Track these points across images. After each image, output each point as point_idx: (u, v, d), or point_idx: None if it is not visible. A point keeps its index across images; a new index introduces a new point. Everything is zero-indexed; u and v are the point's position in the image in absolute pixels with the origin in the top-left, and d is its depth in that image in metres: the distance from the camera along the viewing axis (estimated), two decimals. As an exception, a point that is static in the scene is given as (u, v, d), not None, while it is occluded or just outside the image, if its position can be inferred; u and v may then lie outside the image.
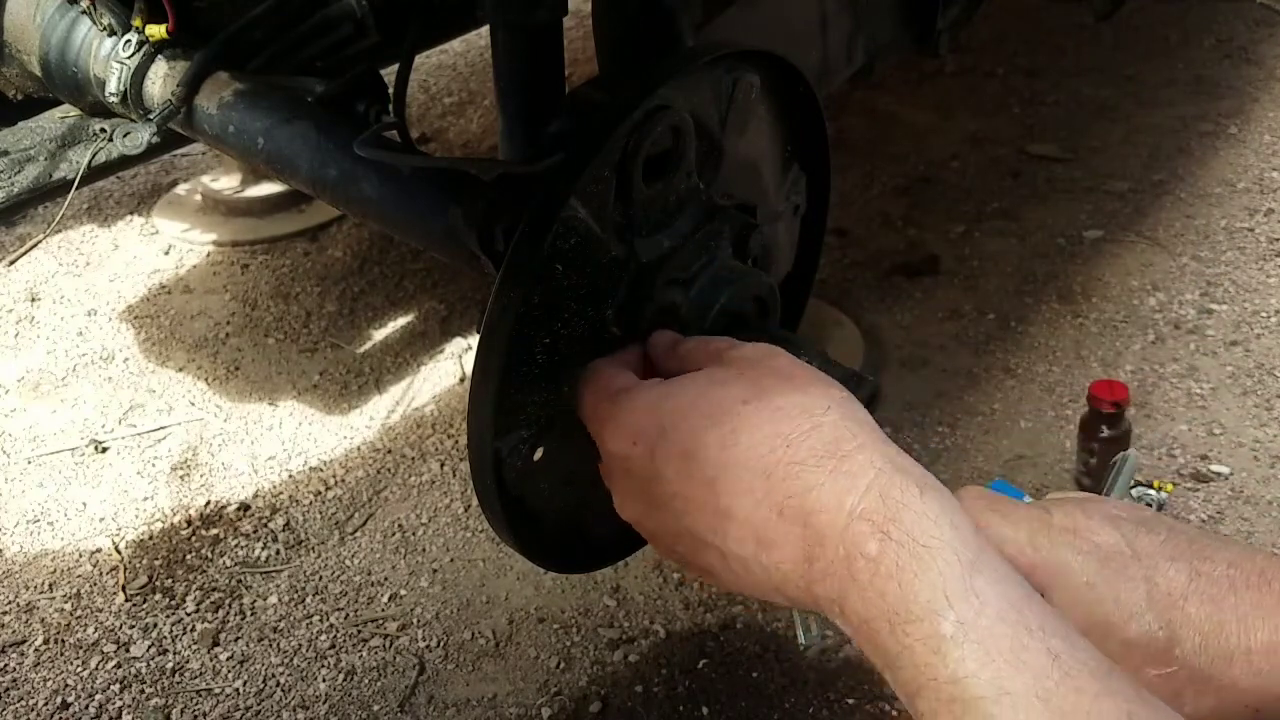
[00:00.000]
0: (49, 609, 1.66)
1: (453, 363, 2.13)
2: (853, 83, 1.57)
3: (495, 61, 1.04)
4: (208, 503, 1.83)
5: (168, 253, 2.54)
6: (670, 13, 1.07)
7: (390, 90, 1.09)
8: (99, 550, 1.75)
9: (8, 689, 1.53)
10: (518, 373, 0.82)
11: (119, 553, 1.74)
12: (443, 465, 1.88)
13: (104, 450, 1.96)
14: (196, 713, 1.49)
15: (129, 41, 1.11)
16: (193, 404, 2.06)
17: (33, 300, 2.39)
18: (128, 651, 1.58)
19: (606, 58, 1.13)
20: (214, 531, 1.78)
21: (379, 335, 2.22)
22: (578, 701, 1.48)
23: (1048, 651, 0.58)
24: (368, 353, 2.18)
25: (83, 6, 1.13)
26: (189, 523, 1.79)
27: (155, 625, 1.61)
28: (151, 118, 1.10)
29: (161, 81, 1.11)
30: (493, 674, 1.53)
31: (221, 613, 1.63)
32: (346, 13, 1.19)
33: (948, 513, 0.64)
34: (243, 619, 1.62)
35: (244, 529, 1.78)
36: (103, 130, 1.16)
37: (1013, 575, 0.62)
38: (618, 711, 1.46)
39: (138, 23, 1.10)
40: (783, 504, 0.67)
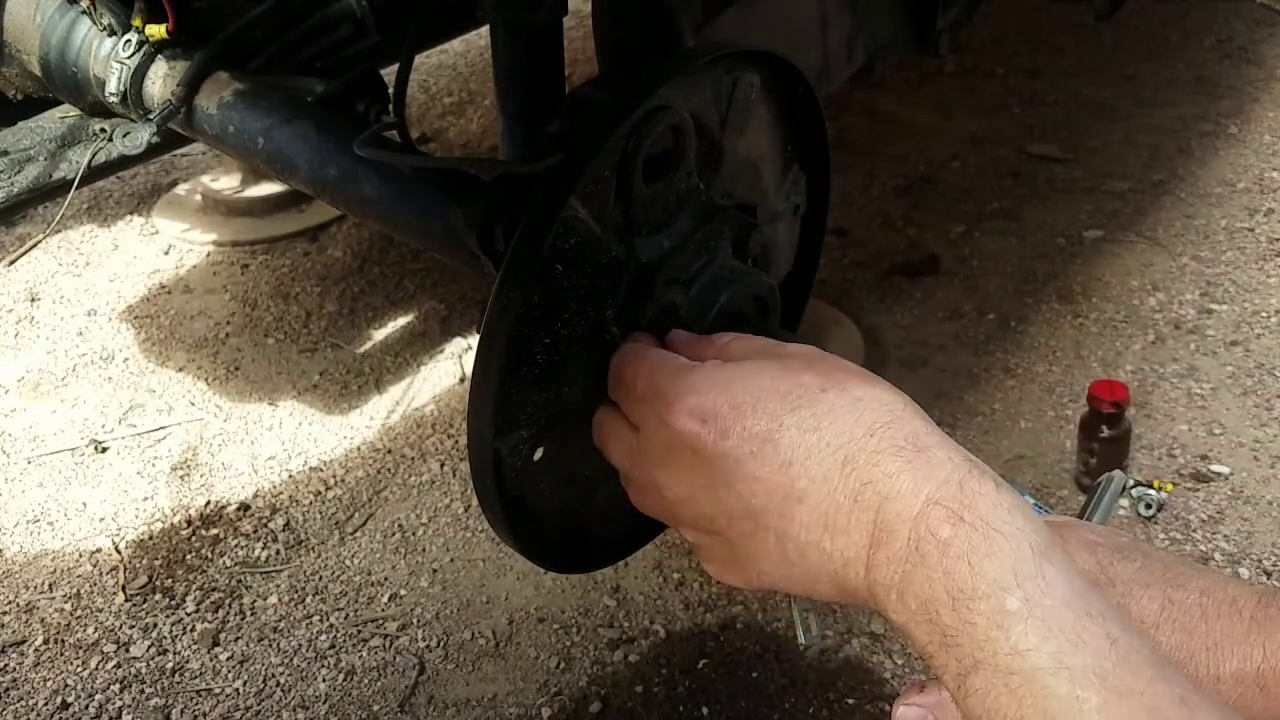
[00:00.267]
0: (49, 609, 1.66)
1: (453, 363, 2.13)
2: (853, 83, 1.57)
3: (495, 61, 1.04)
4: (208, 503, 1.83)
5: (168, 253, 2.54)
6: (670, 13, 1.07)
7: (390, 90, 1.09)
8: (99, 550, 1.75)
9: (8, 689, 1.53)
10: (518, 373, 0.82)
11: (119, 553, 1.75)
12: (443, 465, 1.88)
13: (104, 450, 1.96)
14: (196, 713, 1.49)
15: (129, 41, 1.10)
16: (193, 404, 2.06)
17: (33, 300, 2.39)
18: (128, 651, 1.58)
19: (606, 58, 1.13)
20: (214, 531, 1.78)
21: (379, 335, 2.22)
22: (578, 701, 1.48)
23: (1107, 636, 0.59)
24: (368, 353, 2.18)
25: (83, 6, 1.13)
26: (189, 523, 1.79)
27: (155, 625, 1.61)
28: (151, 118, 1.10)
29: (161, 81, 1.11)
30: (493, 674, 1.53)
31: (221, 613, 1.63)
32: (346, 13, 1.19)
33: (1020, 506, 0.66)
34: (243, 619, 1.62)
35: (244, 529, 1.78)
36: (103, 130, 1.16)
37: (1078, 569, 0.64)
38: (618, 711, 1.46)
39: (138, 23, 1.10)
40: (859, 491, 0.69)
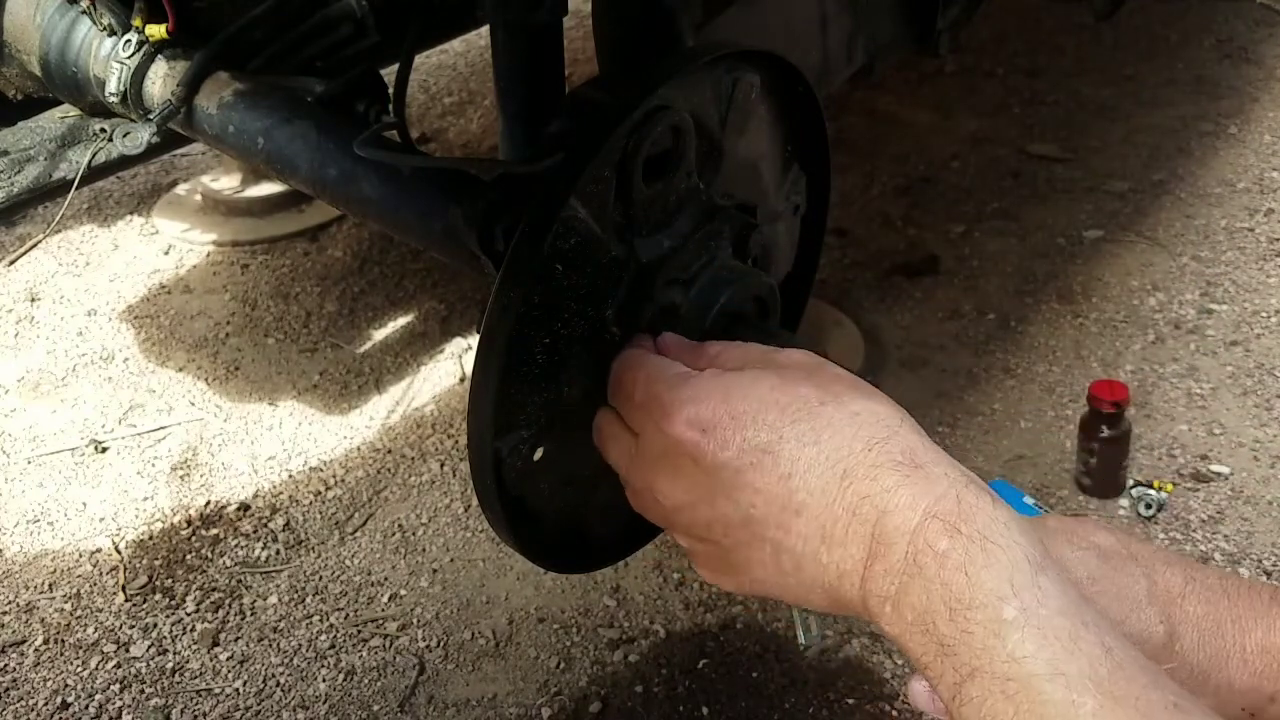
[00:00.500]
0: (49, 609, 1.66)
1: (453, 363, 2.13)
2: (853, 83, 1.57)
3: (495, 61, 1.04)
4: (208, 503, 1.83)
5: (168, 253, 2.54)
6: (670, 13, 1.07)
7: (390, 90, 1.09)
8: (99, 550, 1.75)
9: (8, 689, 1.53)
10: (518, 373, 0.82)
11: (119, 553, 1.75)
12: (443, 465, 1.88)
13: (104, 450, 1.96)
14: (196, 713, 1.49)
15: (129, 41, 1.10)
16: (193, 404, 2.06)
17: (33, 300, 2.39)
18: (128, 651, 1.58)
19: (606, 58, 1.13)
20: (214, 531, 1.78)
21: (379, 335, 2.22)
22: (578, 701, 1.48)
23: (1101, 644, 0.60)
24: (368, 353, 2.18)
25: (83, 6, 1.13)
26: (189, 523, 1.79)
27: (155, 625, 1.61)
28: (151, 118, 1.10)
29: (161, 81, 1.11)
30: (493, 674, 1.53)
31: (221, 613, 1.63)
32: (346, 13, 1.19)
33: (1016, 520, 0.66)
34: (243, 619, 1.62)
35: (244, 529, 1.78)
36: (103, 130, 1.16)
37: (1073, 583, 0.65)
38: (618, 711, 1.46)
39: (138, 23, 1.10)
40: (856, 504, 0.69)
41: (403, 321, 2.26)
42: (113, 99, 1.12)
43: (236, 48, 1.11)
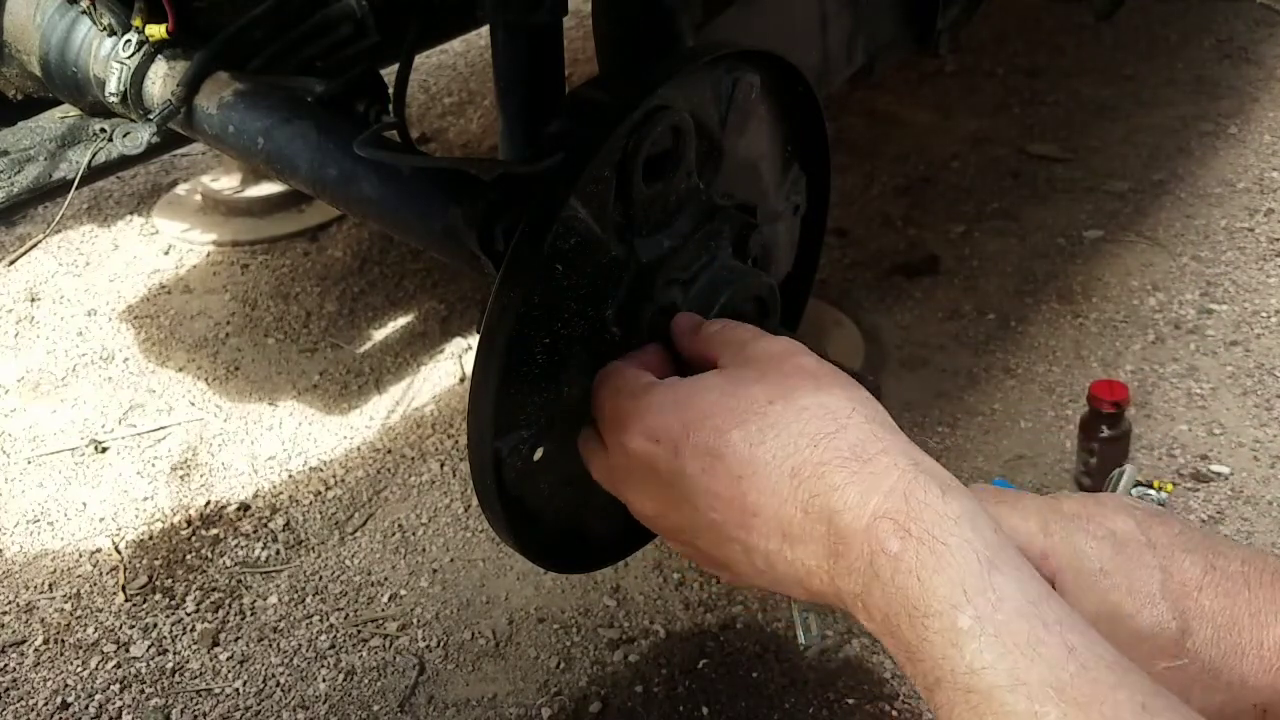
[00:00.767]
0: (49, 609, 1.66)
1: (453, 363, 2.13)
2: (853, 83, 1.57)
3: (495, 61, 1.04)
4: (208, 503, 1.83)
5: (168, 253, 2.54)
6: (670, 13, 1.07)
7: (390, 90, 1.09)
8: (99, 550, 1.75)
9: (8, 689, 1.53)
10: (518, 373, 0.82)
11: (119, 553, 1.75)
12: (443, 465, 1.88)
13: (104, 450, 1.96)
14: (196, 713, 1.49)
15: (129, 41, 1.11)
16: (193, 404, 2.06)
17: (33, 300, 2.39)
18: (128, 651, 1.58)
19: (606, 58, 1.13)
20: (214, 531, 1.78)
21: (379, 335, 2.22)
22: (578, 701, 1.48)
23: (1064, 645, 0.59)
24: (368, 353, 2.18)
25: (83, 6, 1.13)
26: (189, 523, 1.79)
27: (155, 625, 1.61)
28: (151, 118, 1.10)
29: (161, 81, 1.11)
30: (493, 674, 1.53)
31: (221, 613, 1.63)
32: (346, 13, 1.19)
33: (969, 513, 0.65)
34: (243, 619, 1.62)
35: (244, 529, 1.78)
36: (103, 130, 1.16)
37: (1032, 574, 0.63)
38: (618, 711, 1.46)
39: (138, 23, 1.10)
40: (808, 502, 0.69)
41: (403, 321, 2.26)
42: (113, 99, 1.12)
43: (236, 48, 1.11)
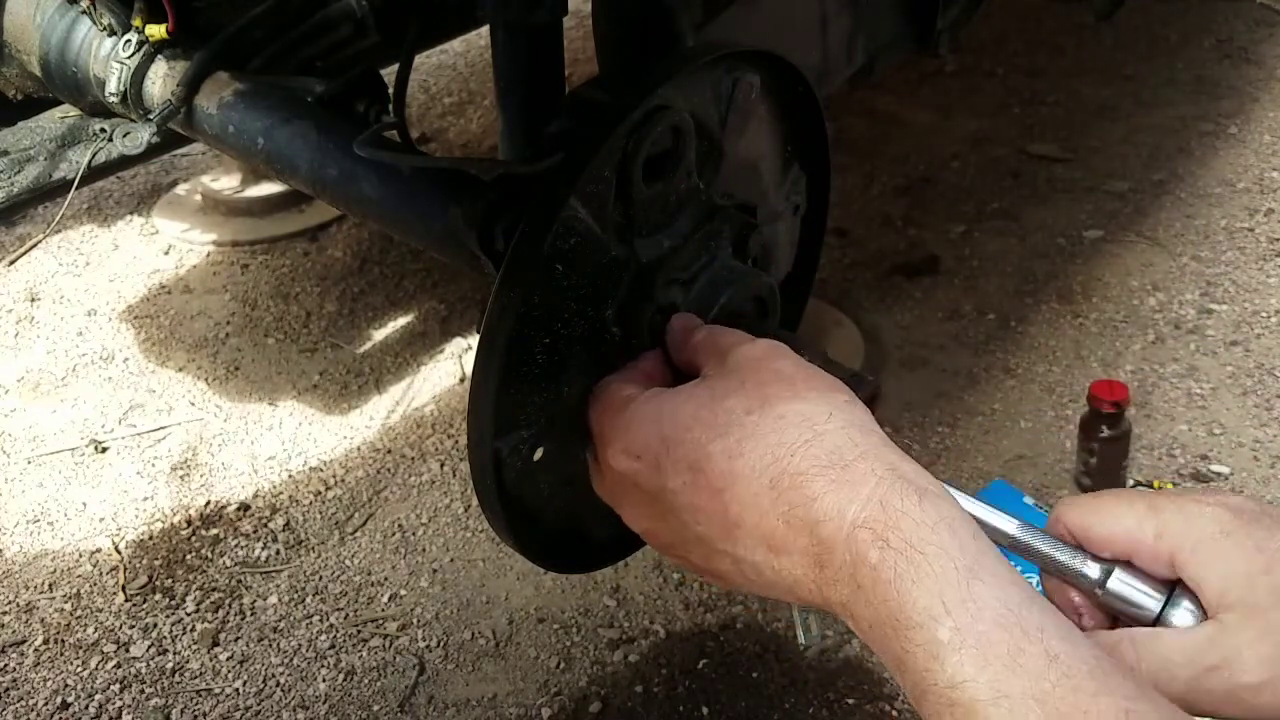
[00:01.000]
0: (49, 609, 1.66)
1: (453, 363, 2.13)
2: (853, 83, 1.57)
3: (495, 61, 1.04)
4: (208, 503, 1.83)
5: (168, 253, 2.54)
6: (670, 13, 1.07)
7: (390, 90, 1.09)
8: (99, 550, 1.75)
9: (8, 689, 1.53)
10: (518, 373, 0.82)
11: (119, 553, 1.75)
12: (443, 465, 1.88)
13: (104, 450, 1.96)
14: (196, 713, 1.49)
15: (129, 41, 1.10)
16: (193, 404, 2.06)
17: (33, 300, 2.39)
18: (128, 651, 1.58)
19: (606, 58, 1.13)
20: (214, 531, 1.78)
21: (379, 335, 2.22)
22: (578, 701, 1.48)
23: (1045, 654, 0.58)
24: (368, 353, 2.18)
25: (83, 6, 1.12)
26: (189, 523, 1.79)
27: (155, 625, 1.61)
28: (151, 118, 1.10)
29: (161, 81, 1.11)
30: (493, 674, 1.53)
31: (221, 613, 1.63)
32: (346, 13, 1.19)
33: (946, 519, 0.64)
34: (243, 619, 1.62)
35: (244, 529, 1.78)
36: (103, 130, 1.16)
37: (1014, 579, 0.63)
38: (618, 711, 1.46)
39: (138, 23, 1.10)
40: (788, 514, 0.68)
41: (403, 321, 2.26)
42: (113, 99, 1.12)
43: (236, 48, 1.11)
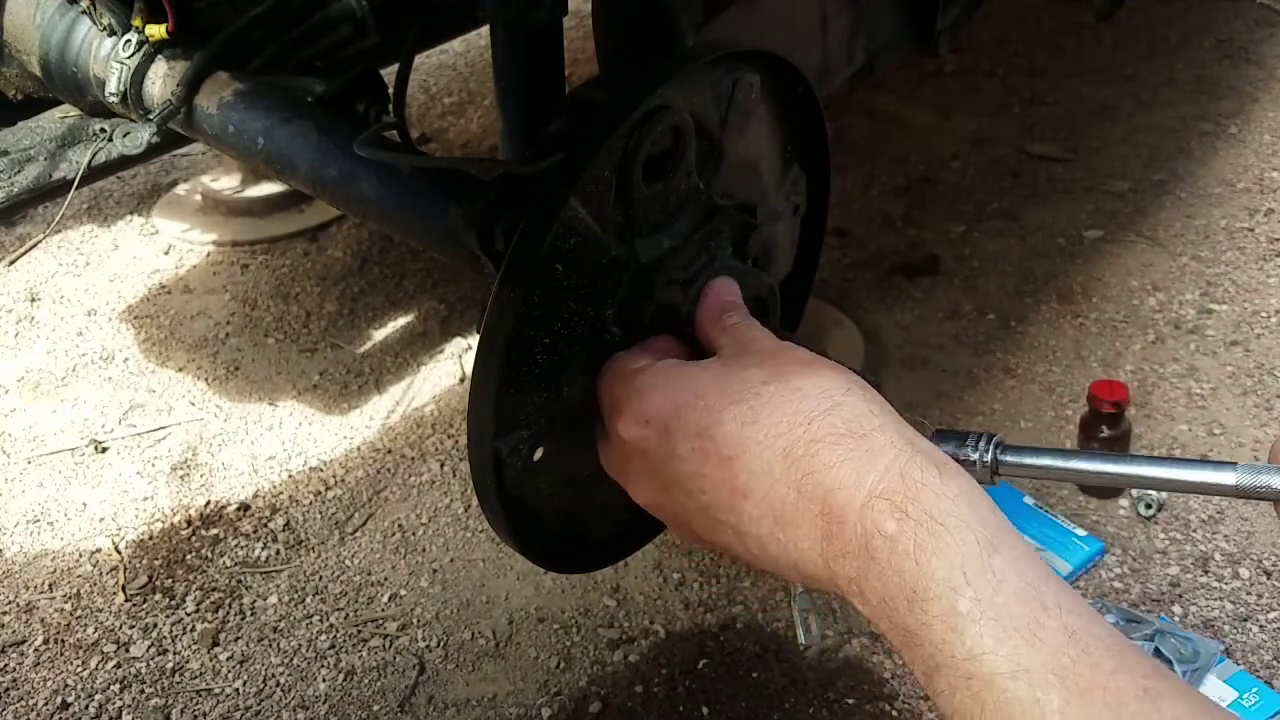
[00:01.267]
0: (49, 609, 1.66)
1: (453, 363, 2.13)
2: (853, 83, 1.57)
3: (495, 61, 1.04)
4: (208, 503, 1.83)
5: (168, 253, 2.54)
6: (670, 13, 1.07)
7: (390, 90, 1.09)
8: (99, 550, 1.75)
9: (8, 689, 1.53)
10: (518, 373, 0.82)
11: (119, 553, 1.75)
12: (443, 465, 1.88)
13: (104, 450, 1.96)
14: (196, 713, 1.49)
15: (129, 41, 1.10)
16: (193, 404, 2.06)
17: (33, 300, 2.39)
18: (128, 651, 1.58)
19: (606, 58, 1.13)
20: (214, 531, 1.78)
21: (379, 335, 2.22)
22: (578, 701, 1.48)
23: (1064, 629, 0.58)
24: (368, 353, 2.18)
25: (83, 6, 1.13)
26: (189, 523, 1.79)
27: (155, 625, 1.61)
28: (151, 118, 1.10)
29: (161, 81, 1.11)
30: (493, 674, 1.53)
31: (221, 613, 1.63)
32: (346, 13, 1.19)
33: (966, 493, 0.64)
34: (243, 619, 1.62)
35: (244, 529, 1.78)
36: (103, 130, 1.16)
37: (1030, 555, 0.62)
38: (618, 711, 1.46)
39: (138, 23, 1.10)
40: (800, 482, 0.68)
41: (403, 321, 2.26)
42: (113, 99, 1.12)
43: (236, 48, 1.11)
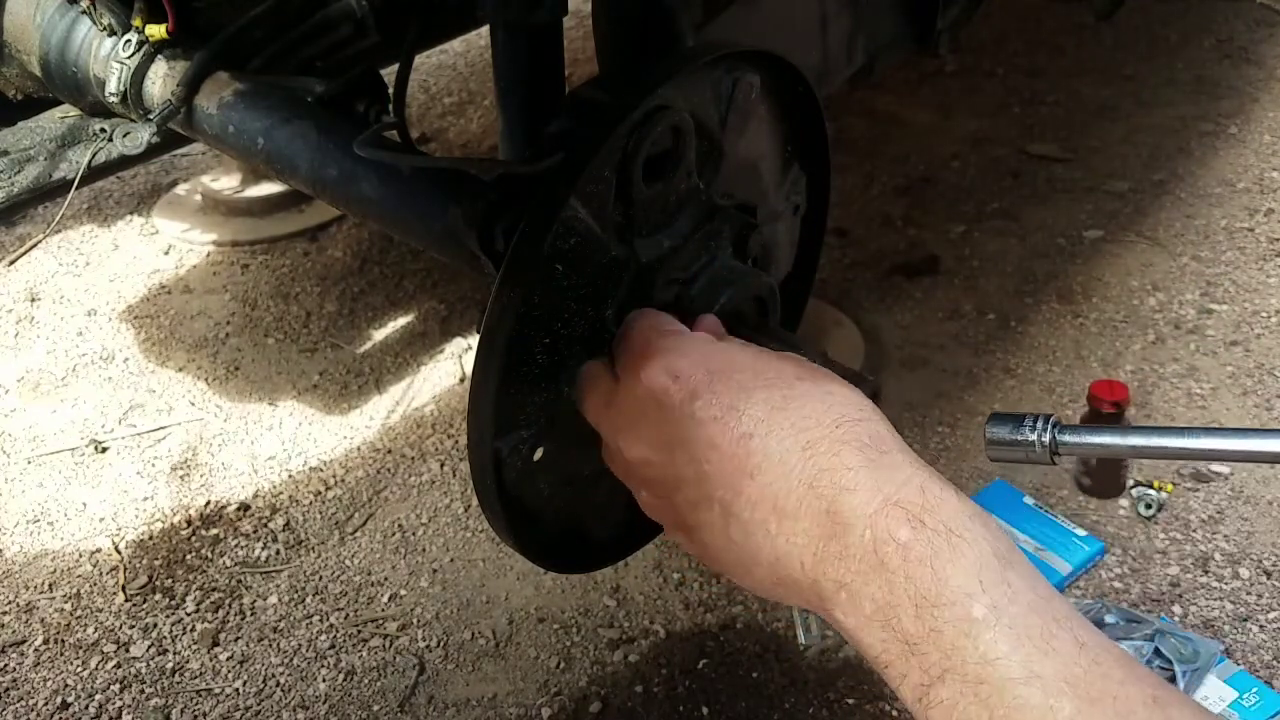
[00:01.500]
0: (49, 609, 1.66)
1: (453, 363, 2.13)
2: (853, 83, 1.57)
3: (495, 61, 1.04)
4: (208, 503, 1.83)
5: (168, 253, 2.54)
6: (670, 13, 1.07)
7: (390, 90, 1.09)
8: (99, 550, 1.75)
9: (8, 689, 1.53)
10: (518, 373, 0.82)
11: (119, 553, 1.75)
12: (443, 465, 1.88)
13: (104, 450, 1.96)
14: (196, 713, 1.49)
15: (129, 41, 1.10)
16: (193, 404, 2.06)
17: (33, 300, 2.39)
18: (128, 651, 1.58)
19: (606, 58, 1.13)
20: (214, 531, 1.78)
21: (379, 335, 2.22)
22: (578, 701, 1.48)
23: (1075, 640, 0.59)
24: (368, 353, 2.18)
25: (83, 6, 1.13)
26: (189, 523, 1.79)
27: (155, 625, 1.61)
28: (151, 118, 1.10)
29: (161, 81, 1.11)
30: (493, 674, 1.53)
31: (221, 613, 1.63)
32: (346, 13, 1.19)
33: (981, 514, 0.66)
34: (243, 619, 1.62)
35: (244, 529, 1.78)
36: (103, 130, 1.16)
37: (1040, 575, 0.64)
38: (618, 711, 1.46)
39: (138, 23, 1.10)
40: (815, 476, 0.68)
41: (403, 321, 2.26)
42: (113, 99, 1.12)
43: (236, 48, 1.11)
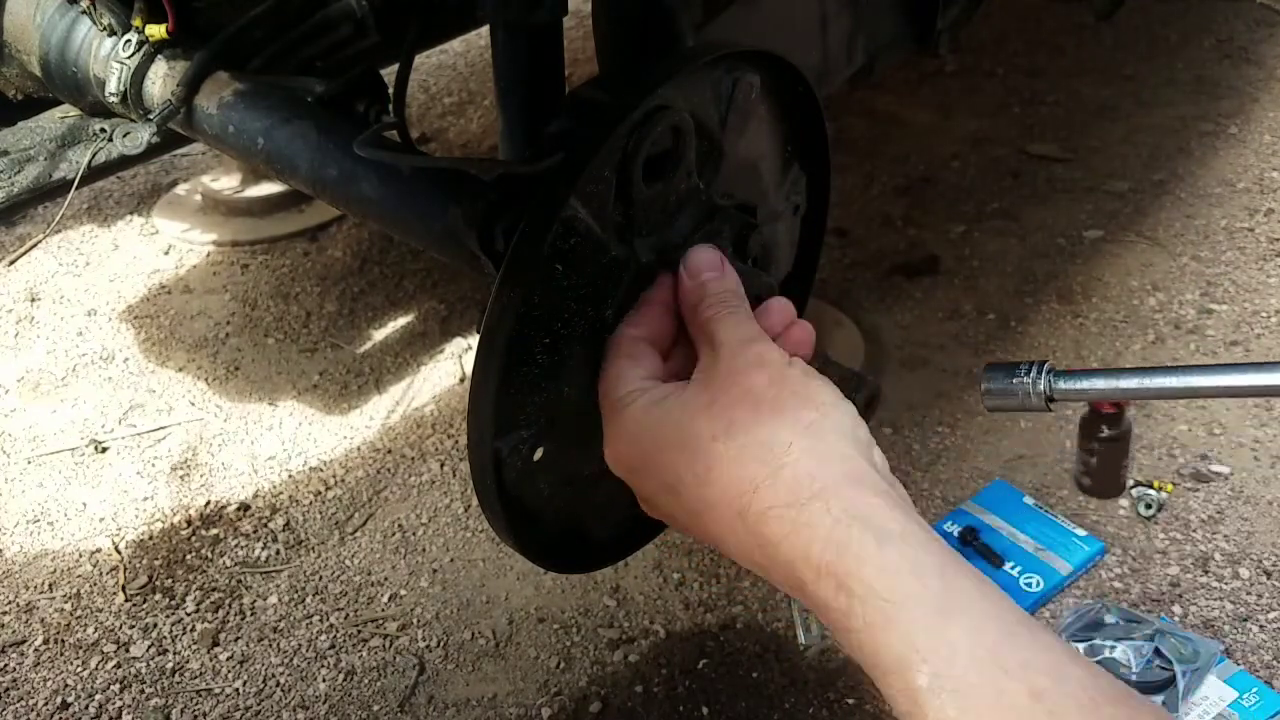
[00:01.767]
0: (49, 609, 1.66)
1: (453, 363, 2.13)
2: (853, 83, 1.57)
3: (495, 61, 1.04)
4: (208, 503, 1.83)
5: (168, 253, 2.54)
6: (670, 12, 1.07)
7: (390, 90, 1.09)
8: (99, 550, 1.75)
9: (8, 689, 1.53)
10: (518, 373, 0.82)
11: (119, 553, 1.75)
12: (443, 465, 1.88)
13: (104, 450, 1.96)
14: (196, 713, 1.49)
15: (129, 41, 1.10)
16: (193, 404, 2.06)
17: (33, 300, 2.39)
18: (128, 651, 1.58)
19: (606, 58, 1.13)
20: (214, 531, 1.78)
21: (379, 335, 2.22)
22: (578, 701, 1.48)
23: (1029, 692, 0.58)
24: (368, 353, 2.18)
25: (83, 6, 1.12)
26: (189, 523, 1.79)
27: (155, 625, 1.61)
28: (151, 118, 1.10)
29: (161, 81, 1.11)
30: (493, 674, 1.53)
31: (221, 613, 1.63)
32: (346, 13, 1.19)
33: (908, 560, 0.63)
34: (243, 619, 1.62)
35: (244, 529, 1.78)
36: (103, 130, 1.16)
37: (992, 611, 0.62)
38: (618, 711, 1.46)
39: (138, 23, 1.10)
40: (761, 548, 0.69)
41: (403, 321, 2.26)
42: (113, 99, 1.12)
43: (236, 48, 1.11)
